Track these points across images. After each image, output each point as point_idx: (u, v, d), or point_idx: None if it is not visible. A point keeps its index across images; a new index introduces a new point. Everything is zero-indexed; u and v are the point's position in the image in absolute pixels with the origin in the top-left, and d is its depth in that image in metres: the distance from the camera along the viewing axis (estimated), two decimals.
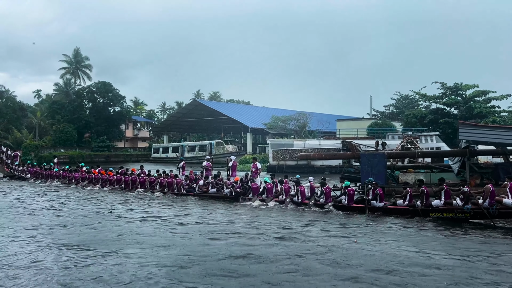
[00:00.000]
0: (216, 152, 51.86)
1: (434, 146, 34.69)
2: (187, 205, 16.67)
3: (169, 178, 20.04)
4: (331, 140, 40.28)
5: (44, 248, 9.51)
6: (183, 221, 12.86)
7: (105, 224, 12.52)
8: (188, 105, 73.29)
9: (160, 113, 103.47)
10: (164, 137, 73.20)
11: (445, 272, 7.60)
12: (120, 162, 47.52)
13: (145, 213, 14.66)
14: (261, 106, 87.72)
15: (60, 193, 21.02)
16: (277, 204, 15.81)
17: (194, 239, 10.43)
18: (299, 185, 15.85)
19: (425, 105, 56.55)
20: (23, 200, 18.63)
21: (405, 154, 21.71)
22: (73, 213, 14.68)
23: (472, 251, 9.16)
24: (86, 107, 65.26)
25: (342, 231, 11.36)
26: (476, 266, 8.07)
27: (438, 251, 9.10)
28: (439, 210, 12.84)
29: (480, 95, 47.73)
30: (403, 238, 10.53)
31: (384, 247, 9.47)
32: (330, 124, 57.57)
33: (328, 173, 32.65)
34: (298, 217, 13.67)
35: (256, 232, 11.09)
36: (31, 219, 13.54)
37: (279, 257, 8.56)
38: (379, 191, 14.12)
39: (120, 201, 17.66)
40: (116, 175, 22.65)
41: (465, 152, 17.28)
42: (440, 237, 10.68)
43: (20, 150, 44.00)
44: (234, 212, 14.80)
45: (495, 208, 11.92)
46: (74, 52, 72.18)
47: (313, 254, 8.81)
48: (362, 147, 24.20)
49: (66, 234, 11.07)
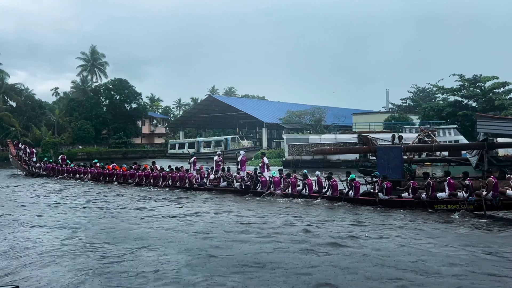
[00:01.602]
0: (231, 147, 51.97)
1: (452, 139, 34.21)
2: (201, 199, 16.90)
3: (181, 173, 20.48)
4: (347, 134, 39.92)
5: (77, 243, 9.68)
6: (204, 216, 12.91)
7: (125, 219, 12.69)
8: (203, 101, 73.54)
9: (176, 109, 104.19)
10: (180, 133, 73.61)
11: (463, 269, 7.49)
12: (137, 158, 47.91)
13: (163, 208, 14.76)
14: (276, 101, 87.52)
15: (77, 189, 21.37)
16: (284, 197, 16.16)
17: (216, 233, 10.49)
18: (306, 178, 16.06)
19: (443, 98, 55.50)
20: (44, 195, 19.03)
21: (421, 147, 21.45)
22: (97, 208, 14.91)
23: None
24: (103, 104, 65.96)
25: (356, 225, 11.30)
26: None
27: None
28: (444, 202, 13.01)
29: (499, 87, 46.79)
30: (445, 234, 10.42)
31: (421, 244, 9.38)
32: (346, 118, 57.16)
33: (344, 168, 32.33)
34: (310, 210, 13.85)
35: (267, 227, 11.13)
36: (55, 212, 13.80)
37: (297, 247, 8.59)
38: (386, 184, 14.20)
39: (135, 197, 17.92)
40: (129, 170, 23.18)
41: (483, 145, 17.03)
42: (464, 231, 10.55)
43: (37, 147, 44.82)
44: (245, 206, 15.06)
45: (499, 200, 12.05)
46: (91, 49, 73.03)
47: (338, 251, 8.79)
48: (378, 141, 23.97)
49: (101, 231, 11.15)
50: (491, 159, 17.64)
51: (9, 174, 32.13)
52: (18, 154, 32.62)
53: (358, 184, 14.95)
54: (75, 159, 42.03)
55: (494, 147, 19.38)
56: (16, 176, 30.35)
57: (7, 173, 33.49)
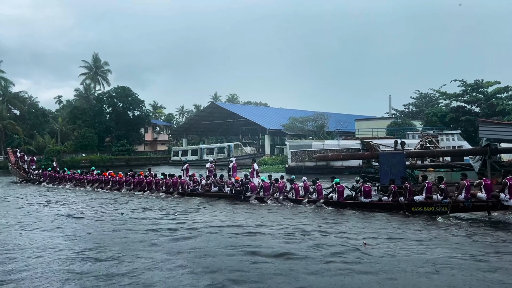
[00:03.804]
0: (234, 154, 51.99)
1: (456, 145, 34.12)
2: (194, 204, 17.49)
3: (174, 179, 21.20)
4: (350, 140, 39.82)
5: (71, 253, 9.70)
6: (199, 222, 13.00)
7: (112, 223, 13.09)
8: (206, 108, 73.72)
9: (178, 116, 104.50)
10: (183, 140, 73.70)
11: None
12: (140, 165, 48.01)
13: (158, 213, 14.94)
14: (278, 107, 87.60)
15: (73, 195, 22.18)
16: (273, 201, 16.99)
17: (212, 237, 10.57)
18: (293, 183, 17.12)
19: (446, 103, 55.49)
20: (37, 202, 19.51)
21: (424, 153, 21.37)
22: (92, 215, 14.99)
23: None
24: (106, 111, 66.13)
25: (344, 230, 11.66)
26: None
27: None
28: (420, 204, 13.90)
29: (502, 92, 46.72)
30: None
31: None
32: (348, 124, 57.13)
33: (347, 174, 32.35)
34: (296, 214, 14.42)
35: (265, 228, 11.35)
36: (50, 219, 13.84)
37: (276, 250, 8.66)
38: (364, 188, 15.21)
39: (128, 202, 18.52)
40: (125, 177, 23.90)
41: (486, 151, 16.95)
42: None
43: (40, 155, 45.36)
44: (235, 210, 15.76)
45: (470, 201, 12.96)
46: (93, 57, 73.42)
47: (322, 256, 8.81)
48: (381, 147, 23.92)
49: (88, 235, 11.39)
50: (494, 164, 17.56)
51: (8, 182, 32.28)
52: (17, 162, 33.38)
53: (342, 188, 15.81)
54: (78, 167, 42.22)
55: (497, 153, 19.31)
56: (10, 184, 30.54)
57: (7, 180, 33.51)
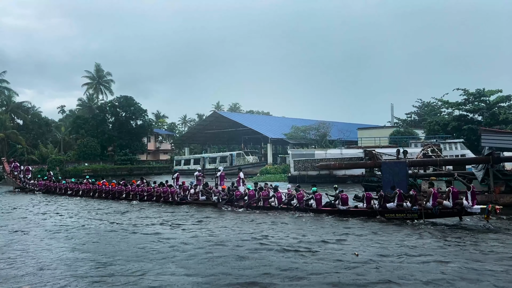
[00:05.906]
0: (237, 163, 51.98)
1: (459, 154, 34.09)
2: (182, 213, 18.04)
3: (164, 188, 22.00)
4: (353, 149, 39.73)
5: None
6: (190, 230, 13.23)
7: (103, 232, 13.53)
8: (208, 117, 73.81)
9: (181, 126, 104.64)
10: (186, 149, 73.78)
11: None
12: (143, 175, 48.01)
13: (146, 220, 15.43)
14: (280, 116, 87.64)
15: (66, 203, 22.91)
16: (257, 208, 17.75)
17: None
18: (276, 192, 17.89)
19: (448, 112, 55.57)
20: (28, 210, 20.38)
21: (426, 162, 21.40)
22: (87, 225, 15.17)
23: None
24: (109, 121, 66.14)
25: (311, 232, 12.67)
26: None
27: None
28: (393, 211, 14.85)
29: (504, 101, 46.76)
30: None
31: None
32: (351, 133, 57.09)
33: (350, 183, 32.28)
34: (276, 220, 15.29)
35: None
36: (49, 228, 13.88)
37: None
38: (342, 195, 15.95)
39: (120, 211, 19.09)
40: (117, 186, 24.50)
41: (488, 159, 16.97)
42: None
43: (43, 165, 45.97)
44: (221, 217, 16.47)
45: (437, 209, 14.10)
46: (96, 67, 73.71)
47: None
48: (383, 155, 23.92)
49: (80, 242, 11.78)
50: (496, 173, 17.56)
51: (4, 191, 32.50)
52: (12, 172, 33.98)
53: (320, 196, 16.60)
54: (81, 176, 42.37)
55: (500, 161, 19.29)
56: (6, 194, 30.75)
57: (1, 190, 33.61)
